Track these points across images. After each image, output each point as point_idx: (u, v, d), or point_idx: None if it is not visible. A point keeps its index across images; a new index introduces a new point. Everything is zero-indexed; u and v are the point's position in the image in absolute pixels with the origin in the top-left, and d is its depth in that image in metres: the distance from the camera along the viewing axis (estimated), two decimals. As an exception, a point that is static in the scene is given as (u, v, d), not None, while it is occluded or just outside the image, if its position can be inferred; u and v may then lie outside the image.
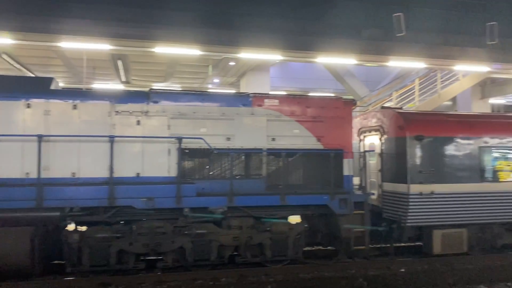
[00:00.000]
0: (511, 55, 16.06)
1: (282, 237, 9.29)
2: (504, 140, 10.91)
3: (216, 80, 23.25)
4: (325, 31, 14.27)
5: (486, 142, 10.75)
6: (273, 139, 9.39)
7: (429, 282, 8.82)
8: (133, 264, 8.82)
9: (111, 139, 8.44)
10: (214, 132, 9.06)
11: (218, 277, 8.68)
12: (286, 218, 9.36)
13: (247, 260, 9.29)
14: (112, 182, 8.35)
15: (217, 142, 9.01)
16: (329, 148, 9.57)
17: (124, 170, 8.57)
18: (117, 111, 8.71)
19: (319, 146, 9.63)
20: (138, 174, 8.64)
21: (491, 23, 14.37)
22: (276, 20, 13.86)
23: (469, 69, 17.49)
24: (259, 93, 10.12)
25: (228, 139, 9.15)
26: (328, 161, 9.37)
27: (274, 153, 9.37)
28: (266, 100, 9.54)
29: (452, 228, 10.36)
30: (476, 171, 10.55)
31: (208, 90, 22.74)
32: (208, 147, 8.81)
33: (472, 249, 10.68)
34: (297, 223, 9.41)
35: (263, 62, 18.39)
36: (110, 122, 8.65)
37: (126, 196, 8.39)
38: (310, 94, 23.68)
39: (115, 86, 25.03)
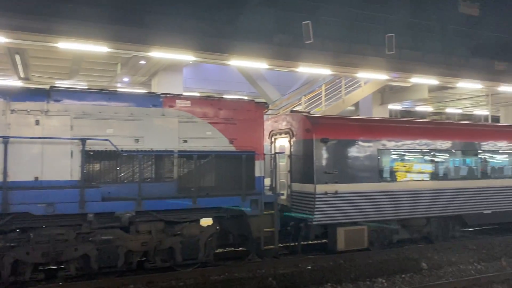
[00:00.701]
0: (407, 65, 17.55)
1: (193, 240, 9.21)
2: (399, 143, 11.89)
3: (125, 79, 22.36)
4: (238, 34, 14.42)
5: (384, 145, 11.62)
6: (185, 141, 9.27)
7: (334, 278, 9.28)
8: (31, 275, 8.15)
9: (5, 139, 7.72)
10: (121, 133, 8.70)
11: (126, 284, 8.37)
12: (198, 221, 9.30)
13: (157, 265, 9.06)
14: (6, 186, 7.64)
15: (125, 144, 8.68)
16: (241, 150, 9.68)
17: (21, 173, 7.90)
18: (13, 110, 8.01)
19: (231, 148, 9.70)
20: (36, 178, 8.01)
21: (389, 34, 15.58)
22: (189, 20, 13.72)
23: (370, 77, 18.78)
24: (170, 93, 9.95)
25: (137, 140, 8.84)
26: (240, 163, 9.48)
27: (186, 155, 9.24)
28: (177, 101, 9.39)
29: (354, 226, 11.03)
30: (375, 171, 11.36)
31: (117, 89, 21.80)
32: (115, 149, 8.44)
33: (372, 245, 11.47)
34: (208, 226, 9.39)
35: (176, 62, 18.05)
36: (5, 122, 7.93)
37: (23, 201, 7.73)
38: (224, 96, 23.78)
39: (13, 82, 22.97)
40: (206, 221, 9.38)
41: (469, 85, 20.20)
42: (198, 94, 21.63)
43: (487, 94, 24.43)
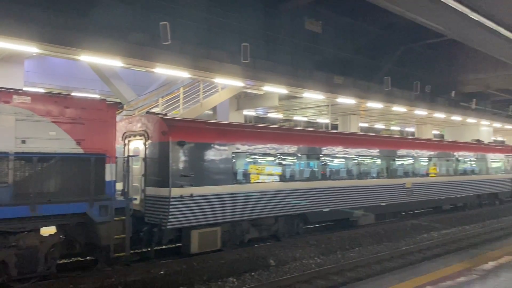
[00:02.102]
0: (260, 74, 18.54)
1: (32, 252, 8.29)
2: (252, 147, 12.49)
3: (-50, 69, 19.14)
4: (89, 28, 13.49)
5: (238, 149, 12.08)
6: (23, 142, 8.31)
7: (187, 281, 9.30)
8: None
9: None
10: None
11: None
12: (38, 230, 8.41)
13: (-16, 283, 7.93)
14: None
15: None
16: (90, 152, 9.06)
17: None
18: None
19: (78, 150, 9.00)
20: None
21: (245, 44, 16.29)
22: (32, 8, 12.36)
23: (227, 83, 19.38)
24: (6, 88, 8.79)
25: (-38, 140, 7.63)
26: (88, 166, 8.86)
27: (24, 157, 8.27)
28: (15, 97, 8.37)
29: (208, 227, 11.21)
30: (229, 174, 11.73)
31: None
32: None
33: (224, 245, 11.79)
34: (50, 235, 8.56)
35: (15, 53, 16.09)
36: None
37: None
38: (74, 94, 22.00)
39: None
40: (48, 230, 8.54)
41: (313, 96, 22.30)
42: (42, 90, 19.63)
43: (328, 105, 27.27)
